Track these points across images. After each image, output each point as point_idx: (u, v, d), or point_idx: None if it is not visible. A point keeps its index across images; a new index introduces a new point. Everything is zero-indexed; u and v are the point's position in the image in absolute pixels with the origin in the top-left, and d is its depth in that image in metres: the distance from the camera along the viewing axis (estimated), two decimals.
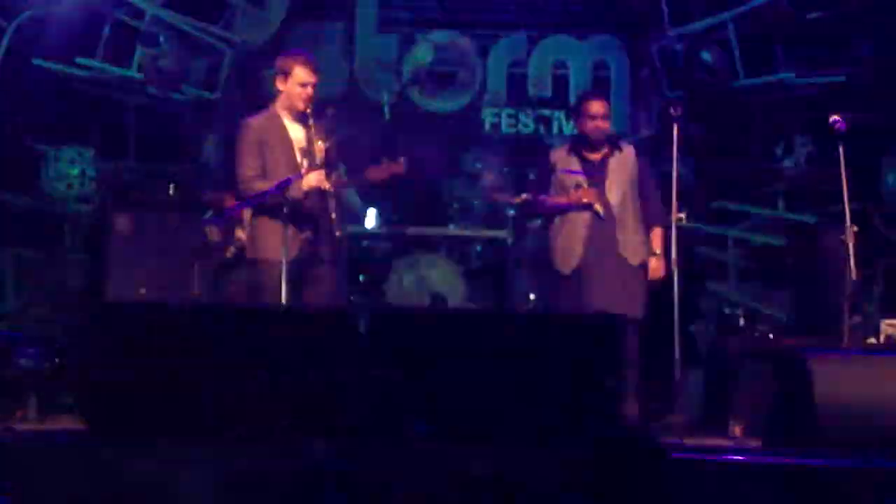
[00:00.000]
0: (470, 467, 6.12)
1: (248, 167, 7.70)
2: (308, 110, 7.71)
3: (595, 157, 8.30)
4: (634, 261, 8.18)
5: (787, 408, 7.27)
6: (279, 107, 7.84)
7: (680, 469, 6.06)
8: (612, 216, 8.16)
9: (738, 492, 6.28)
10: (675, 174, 7.84)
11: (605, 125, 8.28)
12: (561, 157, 8.38)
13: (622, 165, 8.27)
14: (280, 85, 7.81)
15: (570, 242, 8.19)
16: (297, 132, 7.79)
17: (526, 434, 6.34)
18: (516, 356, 6.55)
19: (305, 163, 7.74)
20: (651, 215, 8.29)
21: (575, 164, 8.30)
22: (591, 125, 8.27)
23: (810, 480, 6.38)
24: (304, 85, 7.73)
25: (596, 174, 8.23)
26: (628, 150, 8.36)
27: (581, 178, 8.23)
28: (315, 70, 7.80)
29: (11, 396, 7.58)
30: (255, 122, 7.82)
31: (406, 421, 6.34)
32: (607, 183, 8.21)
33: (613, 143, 8.36)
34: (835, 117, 7.78)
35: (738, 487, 6.36)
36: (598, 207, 8.14)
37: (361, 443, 6.15)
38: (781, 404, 7.38)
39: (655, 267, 8.18)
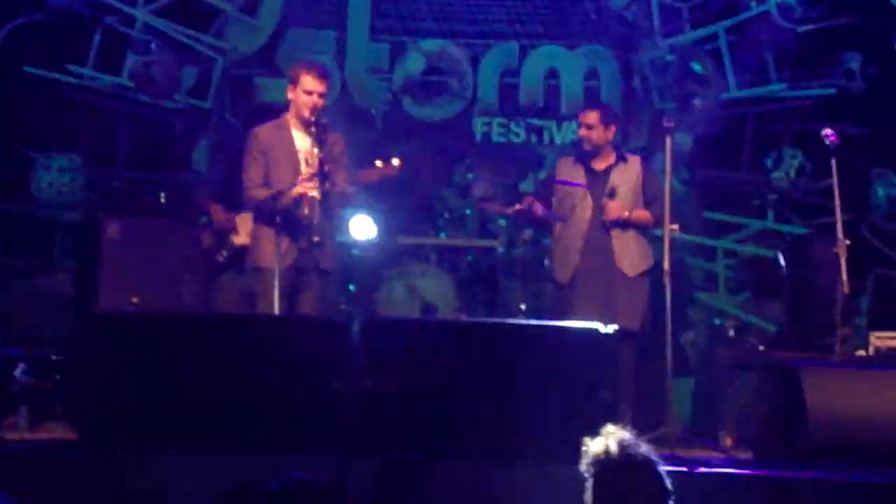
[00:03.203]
0: (460, 483, 6.13)
1: (250, 177, 7.76)
2: (313, 118, 7.70)
3: (600, 166, 8.35)
4: (631, 272, 8.20)
5: (779, 420, 7.28)
6: (290, 115, 7.87)
7: (671, 481, 6.07)
8: (606, 227, 8.18)
9: None
10: (668, 186, 7.81)
11: (592, 134, 8.30)
12: (566, 165, 8.46)
13: (625, 176, 8.29)
14: (289, 93, 7.83)
15: (567, 253, 8.24)
16: (303, 142, 7.79)
17: (518, 448, 6.34)
18: (508, 367, 6.56)
19: (309, 172, 7.74)
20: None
21: (580, 173, 8.33)
22: (580, 134, 8.38)
23: (801, 493, 6.41)
24: (309, 92, 7.71)
25: (598, 183, 8.25)
26: (634, 162, 8.40)
27: (576, 189, 8.26)
28: (321, 77, 7.79)
29: (5, 409, 7.56)
30: (262, 131, 7.87)
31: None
32: (606, 191, 8.21)
33: (619, 153, 8.38)
34: (827, 131, 7.79)
35: (730, 499, 6.38)
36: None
37: (353, 458, 6.13)
38: (772, 416, 7.40)
39: (612, 206, 8.17)
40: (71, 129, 10.36)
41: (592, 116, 8.38)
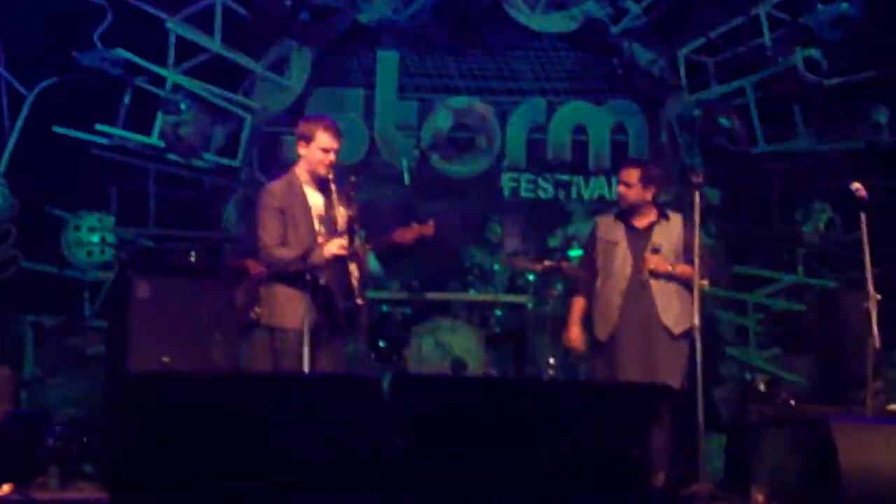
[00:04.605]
0: None
1: (270, 235, 7.60)
2: (329, 176, 7.62)
3: (641, 223, 8.20)
4: (676, 329, 8.01)
5: (811, 476, 7.22)
6: (299, 171, 7.70)
7: None
8: (647, 284, 8.08)
9: None
10: (696, 241, 7.76)
11: (630, 193, 8.14)
12: (606, 223, 8.33)
13: (667, 234, 8.16)
14: (301, 150, 7.66)
15: (607, 310, 8.11)
16: (315, 198, 7.68)
17: None
18: (539, 425, 6.54)
19: (323, 229, 7.63)
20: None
21: (620, 231, 8.22)
22: (618, 190, 8.25)
23: None
24: (325, 150, 7.59)
25: (639, 241, 8.17)
26: (676, 220, 8.22)
27: (616, 244, 8.16)
28: (337, 135, 7.67)
29: (36, 470, 7.58)
30: (276, 187, 7.70)
31: None
32: (648, 250, 8.11)
33: (661, 211, 8.30)
34: (856, 185, 7.73)
35: None
36: None
37: None
38: (805, 472, 7.34)
39: (654, 259, 8.04)
40: (101, 189, 10.42)
41: (633, 175, 8.18)
